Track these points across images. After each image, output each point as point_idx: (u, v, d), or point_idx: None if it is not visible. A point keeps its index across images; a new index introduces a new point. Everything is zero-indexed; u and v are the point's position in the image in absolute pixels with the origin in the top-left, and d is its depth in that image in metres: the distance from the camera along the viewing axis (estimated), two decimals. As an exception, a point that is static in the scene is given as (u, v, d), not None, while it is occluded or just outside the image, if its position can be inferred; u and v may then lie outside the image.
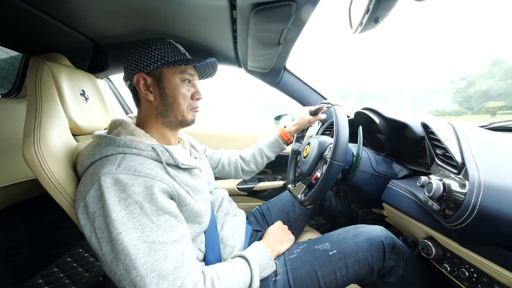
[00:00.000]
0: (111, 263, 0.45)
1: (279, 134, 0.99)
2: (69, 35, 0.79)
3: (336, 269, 0.66)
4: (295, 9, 0.58)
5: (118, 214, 0.45)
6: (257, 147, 1.00)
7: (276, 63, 0.99)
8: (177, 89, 0.64)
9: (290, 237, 0.79)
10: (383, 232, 0.70)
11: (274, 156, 1.00)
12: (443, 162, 0.54)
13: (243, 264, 0.61)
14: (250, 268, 0.60)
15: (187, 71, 0.66)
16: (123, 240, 0.44)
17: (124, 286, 0.45)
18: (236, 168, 0.98)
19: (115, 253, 0.44)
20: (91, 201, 0.47)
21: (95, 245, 0.46)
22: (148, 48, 0.63)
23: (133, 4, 0.65)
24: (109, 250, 0.45)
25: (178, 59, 0.64)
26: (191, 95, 0.67)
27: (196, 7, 0.65)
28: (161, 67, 0.62)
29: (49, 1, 0.60)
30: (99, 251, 0.46)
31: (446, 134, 0.55)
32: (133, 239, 0.44)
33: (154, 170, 0.52)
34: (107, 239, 0.45)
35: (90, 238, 0.47)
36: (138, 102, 0.66)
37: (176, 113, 0.64)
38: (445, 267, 0.55)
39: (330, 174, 0.64)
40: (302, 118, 0.98)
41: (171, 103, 0.63)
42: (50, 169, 0.53)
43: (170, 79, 0.63)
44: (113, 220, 0.44)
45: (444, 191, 0.46)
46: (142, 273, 0.44)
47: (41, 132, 0.55)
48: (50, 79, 0.65)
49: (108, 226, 0.45)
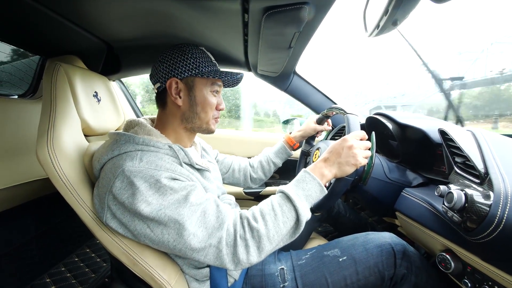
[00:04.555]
0: (161, 235, 0.49)
1: (285, 140, 0.99)
2: (85, 37, 0.82)
3: (346, 275, 0.64)
4: (308, 12, 0.58)
5: (153, 197, 0.49)
6: (264, 154, 1.01)
7: (286, 67, 0.98)
8: (206, 99, 0.65)
9: (354, 160, 0.57)
10: (393, 239, 0.68)
11: (281, 162, 1.00)
12: (463, 171, 0.52)
13: (283, 200, 0.55)
14: (293, 204, 0.54)
15: (217, 83, 0.68)
16: (166, 212, 0.48)
17: (180, 249, 0.49)
18: (245, 175, 0.98)
19: (163, 224, 0.49)
20: (118, 192, 0.49)
21: (140, 227, 0.50)
22: (184, 54, 0.64)
23: (147, 9, 0.67)
24: (156, 225, 0.49)
25: (211, 70, 0.65)
26: (216, 105, 0.68)
27: (208, 11, 0.65)
28: (195, 76, 0.64)
29: (67, 4, 0.62)
30: (146, 230, 0.49)
31: (466, 141, 0.53)
32: (174, 210, 0.49)
33: (173, 165, 0.55)
34: (151, 216, 0.48)
35: (132, 222, 0.50)
36: (163, 104, 0.67)
37: (202, 121, 0.67)
38: (466, 283, 0.52)
39: (338, 188, 0.61)
40: (308, 125, 0.99)
41: (199, 111, 0.65)
42: (62, 169, 0.54)
43: (202, 88, 0.65)
44: (150, 203, 0.48)
45: (466, 202, 0.43)
46: (192, 231, 0.49)
47: (55, 132, 0.56)
48: (65, 80, 0.67)
49: (147, 208, 0.48)
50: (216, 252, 0.50)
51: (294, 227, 0.55)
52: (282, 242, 0.55)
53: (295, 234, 0.56)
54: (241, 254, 0.50)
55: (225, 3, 0.59)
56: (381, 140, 0.94)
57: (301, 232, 0.96)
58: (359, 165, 0.58)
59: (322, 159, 0.61)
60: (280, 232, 0.53)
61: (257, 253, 0.51)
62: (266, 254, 0.53)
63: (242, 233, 0.52)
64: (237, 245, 0.50)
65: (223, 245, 0.50)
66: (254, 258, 0.51)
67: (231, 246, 0.51)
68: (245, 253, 0.51)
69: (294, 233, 0.56)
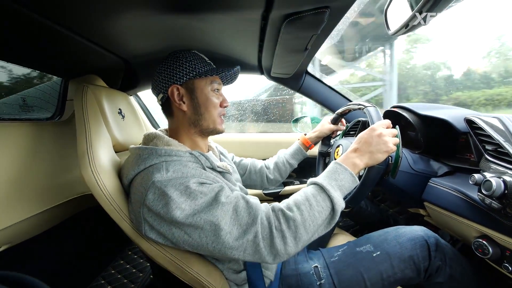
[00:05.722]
0: (199, 238, 0.50)
1: (300, 141, 1.00)
2: (103, 56, 0.83)
3: (382, 270, 0.65)
4: (328, 15, 0.59)
5: (185, 203, 0.50)
6: (279, 156, 1.01)
7: (299, 67, 0.99)
8: (208, 99, 0.67)
9: (385, 147, 0.58)
10: (426, 232, 0.69)
11: (296, 163, 1.00)
12: (495, 158, 0.53)
13: (317, 191, 0.56)
14: (327, 193, 0.54)
15: (216, 80, 0.69)
16: (200, 216, 0.50)
17: (219, 249, 0.50)
18: (262, 176, 0.99)
19: (199, 228, 0.50)
20: (152, 203, 0.51)
21: (178, 234, 0.51)
22: (178, 61, 0.66)
23: (164, 24, 0.68)
24: (193, 230, 0.50)
25: (208, 69, 0.67)
26: (219, 102, 0.69)
27: (228, 22, 0.67)
28: (193, 78, 0.65)
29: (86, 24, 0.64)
30: (184, 236, 0.51)
31: (495, 128, 0.54)
32: (208, 212, 0.50)
33: (198, 170, 0.57)
34: (187, 222, 0.50)
35: (170, 231, 0.51)
36: (170, 113, 0.69)
37: (208, 122, 0.67)
38: (506, 266, 0.53)
39: (370, 177, 0.62)
40: (322, 125, 0.99)
41: (203, 112, 0.66)
42: (105, 186, 0.56)
43: (202, 89, 0.66)
44: (184, 210, 0.50)
45: (506, 188, 0.44)
46: (228, 229, 0.50)
47: (93, 152, 0.59)
48: (94, 101, 0.69)
49: (182, 215, 0.49)
50: (253, 246, 0.50)
51: (329, 217, 0.54)
52: (317, 233, 0.54)
53: (330, 225, 0.55)
54: (279, 245, 0.50)
55: (245, 12, 0.61)
56: (401, 131, 0.95)
57: None
58: (390, 151, 0.59)
59: (352, 150, 0.62)
60: (315, 221, 0.53)
61: (294, 243, 0.51)
62: (303, 245, 0.53)
63: (278, 224, 0.52)
64: (274, 237, 0.51)
65: (260, 238, 0.50)
66: (292, 249, 0.51)
67: (267, 239, 0.51)
68: (283, 243, 0.51)
69: (330, 223, 0.55)
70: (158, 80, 0.67)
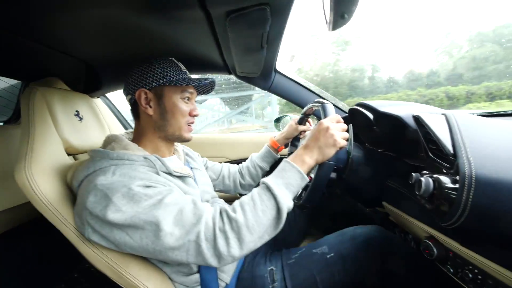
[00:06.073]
0: (140, 239, 0.49)
1: (269, 144, 1.00)
2: (63, 59, 0.83)
3: (334, 272, 0.65)
4: (269, 12, 0.58)
5: (127, 205, 0.49)
6: (250, 160, 1.01)
7: (265, 66, 0.98)
8: (176, 106, 0.66)
9: (332, 141, 0.58)
10: (381, 233, 0.68)
11: (268, 166, 1.00)
12: (437, 157, 0.51)
13: (262, 190, 0.55)
14: (272, 192, 0.53)
15: (187, 90, 0.68)
16: (141, 217, 0.49)
17: (159, 250, 0.49)
18: (235, 181, 0.98)
19: (140, 228, 0.49)
20: (93, 206, 0.50)
21: (119, 236, 0.50)
22: (150, 66, 0.66)
23: (119, 26, 0.67)
24: (134, 231, 0.49)
25: (179, 78, 0.66)
26: (189, 111, 0.69)
27: (173, 21, 0.66)
28: (163, 85, 0.65)
29: (42, 32, 0.63)
30: (125, 238, 0.50)
31: (438, 125, 0.52)
32: (149, 213, 0.49)
33: (148, 174, 0.56)
34: (127, 222, 0.49)
35: (111, 233, 0.50)
36: (137, 115, 0.69)
37: (174, 128, 0.67)
38: (448, 268, 0.52)
39: (321, 173, 0.61)
40: (290, 126, 0.99)
41: (169, 118, 0.66)
42: (41, 191, 0.55)
43: (171, 96, 0.66)
44: (125, 211, 0.49)
45: (435, 188, 0.43)
46: (169, 230, 0.48)
47: (33, 156, 0.58)
48: (43, 104, 0.68)
49: (122, 217, 0.49)
50: (196, 247, 0.49)
51: (276, 217, 0.53)
52: (266, 234, 0.52)
53: (279, 225, 0.53)
54: (222, 246, 0.49)
55: (185, 12, 0.60)
56: (367, 130, 0.93)
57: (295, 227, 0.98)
58: (338, 145, 0.59)
59: (302, 147, 0.61)
60: (260, 221, 0.51)
61: (238, 244, 0.50)
62: (248, 247, 0.51)
63: (221, 225, 0.51)
64: (217, 238, 0.49)
65: (202, 239, 0.49)
66: (236, 251, 0.50)
67: (210, 240, 0.49)
68: (225, 245, 0.49)
69: (278, 223, 0.53)
70: (128, 82, 0.67)
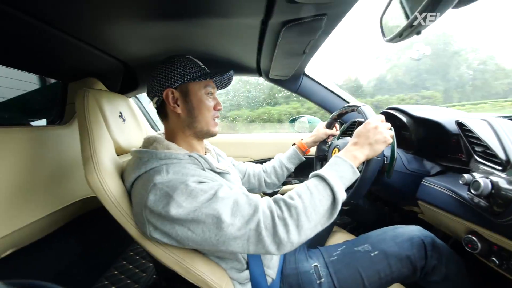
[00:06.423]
0: (202, 233, 0.51)
1: (297, 146, 1.02)
2: (102, 59, 0.84)
3: (379, 269, 0.68)
4: (325, 21, 0.61)
5: (186, 201, 0.51)
6: (277, 160, 1.03)
7: (297, 70, 1.01)
8: (202, 102, 0.68)
9: (383, 138, 0.62)
10: (422, 232, 0.71)
11: (293, 167, 1.02)
12: (483, 159, 0.56)
13: (317, 181, 0.57)
14: (327, 182, 0.56)
15: (209, 84, 0.70)
16: (201, 211, 0.51)
17: (223, 241, 0.51)
18: (260, 180, 1.00)
19: (202, 222, 0.51)
20: (154, 204, 0.52)
21: (181, 231, 0.52)
22: (173, 65, 0.67)
23: (162, 29, 0.69)
24: (196, 225, 0.51)
25: (201, 74, 0.68)
26: (213, 105, 0.71)
27: (227, 27, 0.68)
28: (188, 82, 0.66)
29: (84, 28, 0.64)
30: (187, 233, 0.52)
31: (484, 131, 0.57)
32: (208, 207, 0.51)
33: (197, 170, 0.59)
34: (189, 217, 0.51)
35: (173, 229, 0.52)
36: (165, 116, 0.70)
37: (201, 124, 0.69)
38: (493, 260, 0.57)
39: (370, 169, 0.64)
40: (318, 130, 1.02)
41: (197, 114, 0.67)
42: (111, 190, 0.57)
43: (196, 92, 0.68)
44: (185, 207, 0.51)
45: (493, 188, 0.47)
46: (230, 221, 0.50)
47: (97, 156, 0.60)
48: (95, 105, 0.70)
49: (184, 212, 0.51)
50: (256, 235, 0.51)
51: (331, 207, 0.55)
52: (320, 224, 0.54)
53: (333, 215, 0.55)
54: (281, 233, 0.51)
55: (245, 19, 0.62)
56: (395, 132, 0.98)
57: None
58: (388, 141, 0.62)
59: (352, 143, 0.63)
60: (317, 210, 0.53)
61: (297, 231, 0.51)
62: (306, 234, 0.53)
63: (280, 212, 0.53)
64: (276, 225, 0.51)
65: (262, 227, 0.51)
66: (295, 237, 0.51)
67: (270, 228, 0.51)
68: (285, 232, 0.51)
69: (332, 214, 0.55)
70: (153, 84, 0.68)
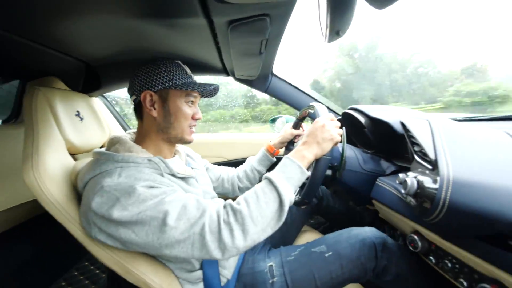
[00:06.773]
0: (146, 236, 0.50)
1: (266, 148, 1.03)
2: (62, 59, 0.83)
3: (332, 270, 0.69)
4: (269, 22, 0.61)
5: (132, 205, 0.51)
6: (248, 164, 1.03)
7: (262, 70, 1.02)
8: (180, 110, 0.68)
9: (329, 136, 0.63)
10: (375, 233, 0.73)
11: (264, 169, 1.02)
12: (421, 159, 0.56)
13: (265, 183, 0.58)
14: (274, 184, 0.56)
15: (192, 94, 0.70)
16: (146, 213, 0.50)
17: (166, 244, 0.51)
18: (233, 184, 1.01)
19: (147, 224, 0.50)
20: (99, 206, 0.52)
21: (125, 234, 0.51)
22: (158, 68, 0.67)
23: (120, 28, 0.69)
24: (140, 227, 0.51)
25: (185, 82, 0.68)
26: (192, 114, 0.70)
27: (177, 27, 0.68)
28: (168, 88, 0.66)
29: (41, 32, 0.64)
30: (131, 235, 0.51)
31: (422, 131, 0.57)
32: (153, 209, 0.51)
33: (152, 175, 0.58)
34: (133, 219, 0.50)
35: (117, 232, 0.51)
36: (140, 116, 0.70)
37: (176, 131, 0.68)
38: (430, 259, 0.57)
39: (319, 167, 0.64)
40: (285, 131, 1.03)
41: (173, 121, 0.67)
42: (49, 190, 0.57)
43: (176, 100, 0.67)
44: (130, 210, 0.50)
45: (418, 187, 0.48)
46: (173, 225, 0.50)
47: (39, 156, 0.59)
48: (45, 104, 0.69)
49: (129, 214, 0.50)
50: (200, 240, 0.51)
51: (279, 210, 0.55)
52: (269, 227, 0.54)
53: (281, 218, 0.55)
54: (226, 238, 0.50)
55: (189, 19, 0.62)
56: (358, 133, 0.99)
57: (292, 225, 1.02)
58: (335, 139, 0.63)
59: (301, 143, 0.65)
60: (263, 213, 0.53)
61: (243, 236, 0.51)
62: (252, 238, 0.52)
63: (226, 217, 0.52)
64: (221, 230, 0.51)
65: (207, 231, 0.50)
66: (240, 242, 0.51)
67: (215, 232, 0.51)
68: (230, 237, 0.50)
69: (280, 216, 0.55)
70: (134, 83, 0.67)
